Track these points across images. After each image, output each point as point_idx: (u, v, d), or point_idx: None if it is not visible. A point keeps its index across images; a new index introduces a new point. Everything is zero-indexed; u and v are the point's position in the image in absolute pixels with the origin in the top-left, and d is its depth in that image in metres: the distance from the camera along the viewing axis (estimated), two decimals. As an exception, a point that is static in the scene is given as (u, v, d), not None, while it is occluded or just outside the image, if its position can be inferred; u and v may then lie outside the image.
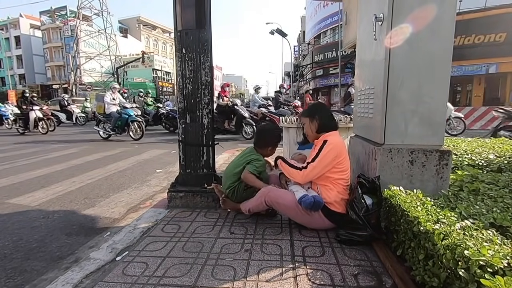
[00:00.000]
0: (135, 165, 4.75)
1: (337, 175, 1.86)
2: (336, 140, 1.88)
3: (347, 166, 1.90)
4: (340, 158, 1.85)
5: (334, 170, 1.86)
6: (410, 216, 1.38)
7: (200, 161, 2.48)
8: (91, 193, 3.24)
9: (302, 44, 34.17)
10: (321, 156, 1.82)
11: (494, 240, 1.09)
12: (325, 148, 1.83)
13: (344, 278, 1.41)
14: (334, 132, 1.95)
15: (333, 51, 22.49)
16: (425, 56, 1.86)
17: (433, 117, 1.91)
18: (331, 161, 1.83)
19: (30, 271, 1.70)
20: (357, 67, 2.60)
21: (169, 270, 1.50)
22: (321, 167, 1.83)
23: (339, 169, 1.86)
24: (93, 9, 33.64)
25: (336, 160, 1.84)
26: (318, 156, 1.83)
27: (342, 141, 1.95)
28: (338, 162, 1.85)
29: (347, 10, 3.11)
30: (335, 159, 1.83)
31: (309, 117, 2.02)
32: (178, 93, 2.45)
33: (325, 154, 1.82)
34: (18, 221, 2.44)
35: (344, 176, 1.88)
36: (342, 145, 1.90)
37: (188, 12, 2.32)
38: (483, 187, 1.85)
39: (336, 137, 1.92)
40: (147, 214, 2.35)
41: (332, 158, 1.83)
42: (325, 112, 2.04)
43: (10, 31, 41.83)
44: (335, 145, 1.84)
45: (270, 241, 1.81)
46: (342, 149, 1.88)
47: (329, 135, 1.92)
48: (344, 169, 1.88)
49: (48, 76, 41.59)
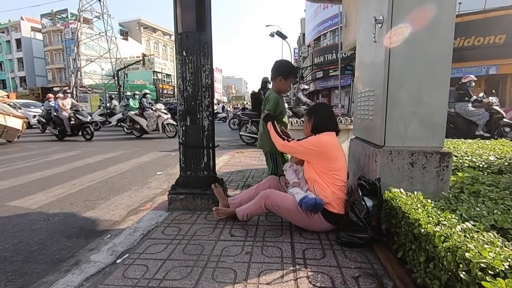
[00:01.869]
0: (135, 167, 4.76)
1: (329, 173, 1.87)
2: (325, 139, 1.91)
3: (339, 166, 1.89)
4: (326, 156, 1.88)
5: (324, 168, 1.88)
6: (411, 218, 1.38)
7: (200, 163, 2.48)
8: (91, 195, 3.24)
9: (302, 46, 34.24)
10: (305, 141, 1.94)
11: (495, 242, 1.09)
12: (312, 138, 1.95)
13: (345, 280, 1.40)
14: (329, 133, 1.96)
15: (333, 53, 22.55)
16: (425, 57, 1.87)
17: (433, 118, 1.91)
18: (312, 152, 1.90)
19: (30, 274, 1.69)
20: (357, 69, 2.61)
21: (169, 273, 1.49)
22: (301, 150, 1.95)
23: (329, 167, 1.87)
24: (94, 12, 33.75)
25: (321, 156, 1.88)
26: (303, 140, 1.96)
27: (334, 141, 1.95)
28: (326, 160, 1.87)
29: (347, 13, 3.12)
30: (316, 150, 1.89)
31: (307, 116, 2.07)
32: (179, 95, 2.46)
33: (309, 142, 1.92)
34: (18, 224, 2.44)
35: (337, 176, 1.87)
36: (331, 144, 1.91)
37: (188, 15, 2.33)
38: (483, 189, 1.85)
39: (327, 136, 1.93)
40: (148, 216, 2.35)
41: (312, 149, 1.89)
42: (322, 113, 2.04)
43: (11, 33, 41.98)
44: (320, 140, 1.91)
45: (270, 243, 1.81)
46: (330, 148, 1.89)
47: (323, 134, 1.95)
48: (336, 168, 1.88)
49: (49, 79, 41.65)
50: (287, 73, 2.37)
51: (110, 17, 33.89)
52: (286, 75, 2.35)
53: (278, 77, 2.35)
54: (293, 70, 2.46)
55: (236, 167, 4.34)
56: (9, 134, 7.98)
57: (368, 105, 2.21)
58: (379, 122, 1.99)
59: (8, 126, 7.85)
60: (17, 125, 8.14)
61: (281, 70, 2.36)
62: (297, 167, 2.16)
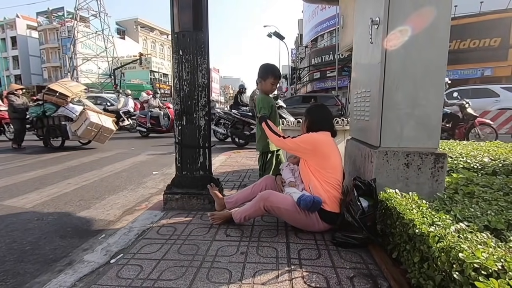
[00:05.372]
0: (131, 167, 4.73)
1: (323, 171, 1.88)
2: (318, 137, 1.95)
3: (333, 163, 1.90)
4: (320, 154, 1.90)
5: (318, 166, 1.89)
6: (406, 218, 1.39)
7: (196, 163, 2.47)
8: (86, 195, 3.21)
9: (299, 47, 34.35)
10: (298, 138, 1.99)
11: (489, 242, 1.09)
12: (306, 135, 2.00)
13: (340, 281, 1.41)
14: (323, 132, 1.98)
15: (330, 54, 22.66)
16: (420, 59, 1.87)
17: (428, 120, 1.92)
18: (305, 149, 1.94)
19: (23, 274, 1.67)
20: (354, 70, 2.62)
21: (164, 273, 1.48)
22: (294, 147, 2.00)
23: (323, 165, 1.89)
24: (91, 10, 33.60)
25: (315, 153, 1.91)
26: (297, 138, 2.00)
27: (327, 140, 1.96)
28: (320, 157, 1.90)
29: (344, 14, 3.12)
30: (310, 147, 1.92)
31: (305, 116, 2.12)
32: (175, 95, 2.45)
33: (302, 139, 1.97)
34: (11, 223, 2.42)
35: (331, 175, 1.88)
36: (324, 142, 1.93)
37: (185, 14, 2.32)
38: (478, 190, 1.86)
39: (320, 135, 1.96)
40: (143, 216, 2.34)
41: (305, 147, 1.93)
42: (318, 114, 2.07)
43: (6, 31, 41.59)
44: (314, 137, 1.95)
45: (266, 243, 1.80)
46: (322, 146, 1.92)
47: (317, 133, 1.98)
48: (329, 166, 1.89)
49: (45, 77, 41.28)
50: (265, 73, 2.49)
51: (107, 16, 33.79)
52: (264, 76, 2.48)
53: (258, 79, 2.53)
54: (270, 70, 2.50)
55: (232, 167, 4.33)
56: (103, 136, 6.61)
57: (364, 106, 2.22)
58: (375, 123, 2.00)
59: (104, 127, 6.49)
60: (111, 125, 6.78)
61: (260, 72, 2.51)
62: (293, 166, 2.17)
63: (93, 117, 6.30)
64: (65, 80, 7.79)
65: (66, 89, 6.56)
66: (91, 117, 6.22)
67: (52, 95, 6.39)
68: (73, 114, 6.38)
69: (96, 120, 6.32)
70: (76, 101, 6.78)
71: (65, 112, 6.43)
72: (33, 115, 6.55)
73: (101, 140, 6.68)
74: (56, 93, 6.37)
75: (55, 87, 6.54)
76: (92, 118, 6.24)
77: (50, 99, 6.40)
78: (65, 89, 6.55)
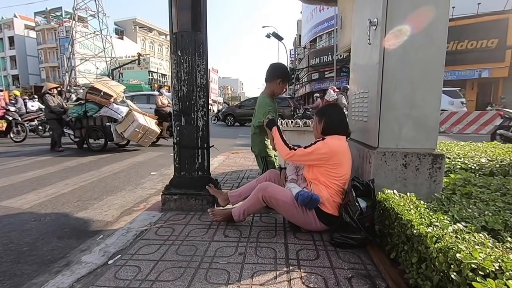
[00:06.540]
0: (129, 167, 4.72)
1: (331, 177, 1.85)
2: (334, 142, 1.85)
3: (343, 171, 1.86)
4: (333, 161, 1.83)
5: (328, 172, 1.85)
6: (404, 219, 1.39)
7: (195, 163, 2.47)
8: (84, 195, 3.20)
9: (298, 48, 34.40)
10: (313, 147, 1.86)
11: (486, 243, 1.10)
12: (320, 143, 1.87)
13: (338, 281, 1.41)
14: (338, 136, 1.91)
15: (328, 55, 22.71)
16: (418, 60, 1.88)
17: (426, 121, 1.93)
18: (320, 158, 1.84)
19: (20, 275, 1.67)
20: (352, 71, 2.62)
21: (162, 274, 1.48)
22: (308, 158, 1.88)
23: (333, 172, 1.84)
24: (89, 10, 33.52)
25: (329, 161, 1.83)
26: (311, 147, 1.87)
27: (343, 146, 1.89)
28: (332, 164, 1.83)
29: (342, 15, 3.13)
30: (324, 157, 1.83)
31: (318, 117, 2.01)
32: (173, 95, 2.44)
33: (316, 147, 1.85)
34: (8, 224, 2.40)
35: (338, 182, 1.84)
36: (340, 149, 1.86)
37: (183, 15, 2.32)
38: (475, 190, 1.87)
39: (336, 140, 1.88)
40: (141, 217, 2.33)
41: (321, 155, 1.83)
42: (334, 116, 1.97)
43: (4, 31, 41.40)
44: (330, 146, 1.83)
45: (264, 244, 1.80)
46: (338, 153, 1.84)
47: (331, 137, 1.89)
48: (340, 174, 1.84)
49: (43, 77, 41.10)
50: (285, 76, 2.39)
51: (105, 16, 33.72)
52: (284, 78, 2.37)
53: (278, 79, 2.35)
54: (287, 74, 2.47)
55: (231, 167, 4.33)
56: (148, 138, 6.29)
57: (363, 107, 2.22)
58: (373, 123, 2.01)
59: (150, 129, 6.22)
60: (156, 128, 6.53)
61: (280, 72, 2.37)
62: (299, 164, 2.16)
63: (141, 119, 6.05)
64: (106, 79, 7.41)
65: (109, 89, 6.23)
66: (139, 119, 5.96)
67: (96, 95, 6.04)
68: (118, 115, 6.05)
69: (143, 122, 6.08)
70: (120, 101, 6.50)
71: (109, 112, 6.08)
72: (74, 115, 6.14)
73: (145, 143, 6.37)
74: (100, 93, 6.03)
75: (99, 86, 6.21)
76: (140, 120, 5.99)
77: (94, 98, 6.04)
78: (109, 89, 6.22)
